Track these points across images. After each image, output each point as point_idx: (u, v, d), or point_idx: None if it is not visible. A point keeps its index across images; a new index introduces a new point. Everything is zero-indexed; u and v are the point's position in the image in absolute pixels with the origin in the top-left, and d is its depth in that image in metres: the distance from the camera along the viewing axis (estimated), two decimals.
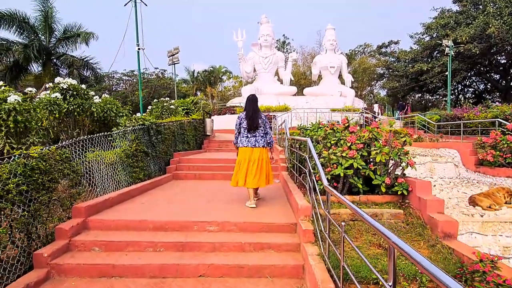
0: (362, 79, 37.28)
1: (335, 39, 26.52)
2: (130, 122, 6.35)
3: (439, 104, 37.95)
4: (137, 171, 6.03)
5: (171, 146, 8.34)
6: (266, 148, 4.77)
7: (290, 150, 6.45)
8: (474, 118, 12.44)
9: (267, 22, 26.01)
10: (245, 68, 25.72)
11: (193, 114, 13.39)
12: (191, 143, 10.34)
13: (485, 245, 3.75)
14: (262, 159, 4.62)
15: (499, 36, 18.39)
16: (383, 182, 3.93)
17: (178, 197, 5.38)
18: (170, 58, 18.47)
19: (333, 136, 4.83)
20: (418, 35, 30.21)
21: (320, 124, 6.00)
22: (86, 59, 19.09)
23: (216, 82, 35.58)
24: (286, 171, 6.87)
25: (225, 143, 12.24)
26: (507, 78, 25.45)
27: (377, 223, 1.79)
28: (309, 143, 4.01)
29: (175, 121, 9.17)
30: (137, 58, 10.01)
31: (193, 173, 7.47)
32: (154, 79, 34.93)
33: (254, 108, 4.62)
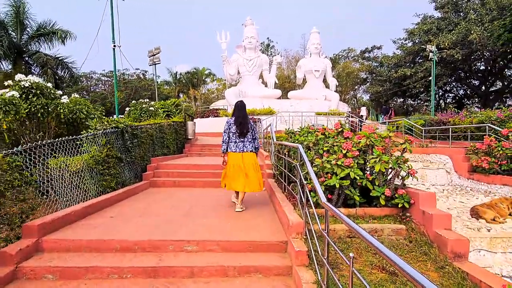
0: (346, 83, 37.52)
1: (319, 43, 26.45)
2: (101, 124, 5.74)
3: (420, 109, 38.67)
4: (108, 179, 5.42)
5: (149, 151, 7.73)
6: (255, 153, 4.86)
7: (277, 156, 6.01)
8: (460, 123, 12.43)
9: (252, 24, 25.63)
10: (229, 70, 25.22)
11: (175, 116, 12.78)
12: (171, 147, 9.74)
13: (496, 265, 3.42)
14: (251, 164, 4.68)
15: (481, 42, 18.75)
16: (382, 193, 3.54)
17: (154, 209, 4.82)
18: (151, 58, 17.75)
19: (325, 142, 4.42)
20: (401, 41, 30.66)
21: (310, 128, 5.60)
22: (61, 58, 18.05)
23: (199, 84, 34.87)
24: (273, 179, 6.42)
25: (208, 147, 11.69)
26: (486, 84, 26.09)
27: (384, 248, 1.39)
28: (300, 150, 3.58)
29: (154, 124, 8.56)
30: (113, 56, 9.35)
31: (172, 180, 6.90)
32: (134, 80, 33.88)
33: (243, 114, 4.70)
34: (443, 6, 25.98)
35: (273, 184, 5.74)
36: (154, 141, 8.23)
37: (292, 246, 3.03)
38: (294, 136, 5.91)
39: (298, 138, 4.96)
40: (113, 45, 9.11)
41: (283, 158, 5.13)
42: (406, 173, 3.67)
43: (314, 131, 5.25)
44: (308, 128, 5.53)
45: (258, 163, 4.84)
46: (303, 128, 5.84)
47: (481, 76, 26.87)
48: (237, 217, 4.39)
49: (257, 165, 4.77)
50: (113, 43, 9.11)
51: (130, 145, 6.58)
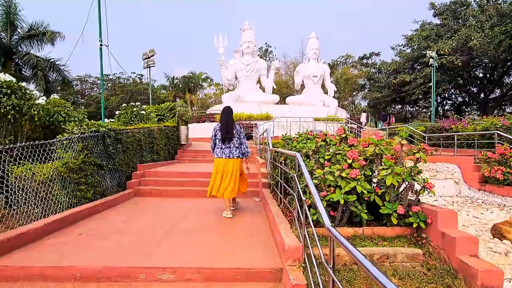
0: (344, 90, 37.21)
1: (318, 48, 26.14)
2: (79, 128, 5.19)
3: (418, 115, 38.41)
4: (84, 189, 4.86)
5: (135, 157, 7.19)
6: (241, 159, 4.84)
7: (273, 164, 5.48)
8: (463, 130, 11.98)
9: (250, 29, 25.29)
10: (226, 75, 24.79)
11: (168, 121, 12.26)
12: (161, 153, 9.19)
13: None
14: (236, 170, 4.69)
15: (481, 48, 18.46)
16: (394, 211, 3.02)
17: (133, 223, 4.26)
18: (145, 61, 17.29)
19: (326, 150, 3.91)
20: (400, 47, 30.45)
21: (308, 134, 5.08)
22: (52, 60, 17.53)
23: (196, 89, 34.41)
24: (268, 189, 5.89)
25: (202, 153, 11.16)
26: (485, 92, 25.81)
27: None
28: (298, 159, 3.07)
29: (143, 128, 8.03)
30: (100, 56, 8.83)
31: (159, 189, 6.34)
32: (130, 84, 33.37)
33: (228, 119, 4.69)
34: (442, 13, 25.83)
35: (268, 195, 5.20)
36: (142, 146, 7.68)
37: (288, 277, 2.49)
38: (292, 142, 5.39)
39: (296, 145, 4.45)
40: (99, 43, 8.59)
41: (279, 166, 4.62)
42: (421, 186, 3.16)
43: (313, 137, 4.75)
44: (307, 134, 5.03)
45: (242, 169, 4.90)
46: (301, 134, 5.34)
47: (480, 83, 26.62)
48: (225, 235, 3.85)
49: (241, 171, 4.81)
50: (100, 42, 8.59)
51: (113, 151, 6.04)
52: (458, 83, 28.12)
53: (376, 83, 32.53)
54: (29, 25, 17.13)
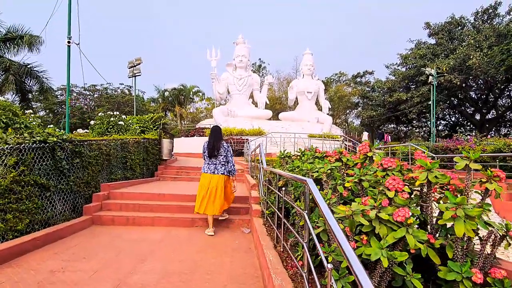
0: (338, 107, 36.67)
1: (312, 64, 25.55)
2: (15, 137, 3.97)
3: (411, 135, 37.99)
4: (12, 219, 3.60)
5: (100, 174, 5.94)
6: (227, 176, 4.91)
7: (268, 188, 4.32)
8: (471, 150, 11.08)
9: (243, 43, 24.61)
10: (218, 89, 23.84)
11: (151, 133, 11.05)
12: (137, 170, 7.94)
13: None
14: (221, 188, 4.76)
15: (480, 68, 18.01)
16: (467, 278, 1.89)
17: (69, 272, 3.01)
18: (131, 69, 16.23)
19: (345, 174, 2.81)
20: (394, 66, 30.19)
21: (315, 151, 3.94)
22: (29, 66, 16.27)
23: (186, 102, 33.33)
24: (261, 218, 4.70)
25: (186, 170, 9.93)
26: (482, 112, 25.41)
27: None
28: (311, 188, 1.95)
29: (114, 140, 6.82)
30: (67, 55, 7.60)
31: (124, 216, 5.07)
32: (118, 96, 32.13)
33: (215, 137, 4.85)
34: (437, 33, 25.69)
35: (260, 229, 4.01)
36: (111, 161, 6.45)
37: None
38: (292, 161, 4.27)
39: (300, 166, 3.32)
40: (67, 40, 7.40)
41: (275, 192, 3.48)
42: (500, 235, 2.06)
43: (322, 156, 3.64)
44: (314, 151, 3.88)
45: (229, 186, 4.99)
46: (305, 151, 4.21)
47: (476, 103, 26.29)
48: None
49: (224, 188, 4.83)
50: (68, 39, 7.39)
51: (67, 167, 4.79)
52: (453, 103, 27.78)
53: (370, 102, 32.06)
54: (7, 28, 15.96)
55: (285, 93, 37.02)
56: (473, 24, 24.12)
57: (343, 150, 3.35)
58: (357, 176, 2.53)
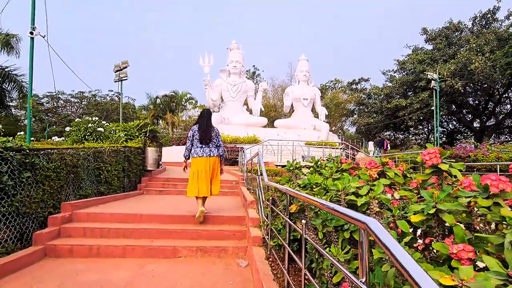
0: (334, 115, 35.91)
1: (308, 70, 24.83)
2: None
3: (407, 142, 37.33)
4: None
5: (62, 191, 4.84)
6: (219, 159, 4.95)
7: (272, 209, 3.28)
8: (485, 159, 10.22)
9: (237, 48, 23.84)
10: (211, 96, 22.87)
11: (134, 141, 9.97)
12: (115, 183, 6.83)
13: None
14: (215, 169, 4.88)
15: (483, 72, 17.37)
16: None
17: None
18: (117, 73, 15.17)
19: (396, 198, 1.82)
20: (391, 72, 29.65)
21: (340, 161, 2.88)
22: (8, 69, 15.08)
23: (178, 109, 32.22)
24: (263, 247, 3.65)
25: (173, 182, 8.82)
26: (481, 119, 24.81)
27: None
28: (391, 247, 0.97)
29: (84, 149, 5.74)
30: (30, 47, 6.48)
31: (88, 245, 3.96)
32: (107, 103, 30.93)
33: (207, 122, 4.84)
34: (434, 38, 25.22)
35: (263, 268, 2.94)
36: (78, 174, 5.35)
37: None
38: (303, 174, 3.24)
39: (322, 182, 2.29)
40: (30, 31, 6.29)
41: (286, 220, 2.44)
42: None
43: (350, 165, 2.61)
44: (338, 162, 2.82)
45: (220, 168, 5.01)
46: (319, 161, 3.19)
47: (475, 110, 25.72)
48: None
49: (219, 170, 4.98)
50: (31, 29, 6.29)
51: (11, 183, 3.70)
52: (451, 110, 27.21)
53: (367, 109, 31.39)
54: None
55: (280, 100, 36.23)
56: (471, 29, 23.70)
57: (372, 160, 2.34)
58: (430, 204, 1.52)
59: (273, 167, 10.74)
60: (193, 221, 4.71)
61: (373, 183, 1.93)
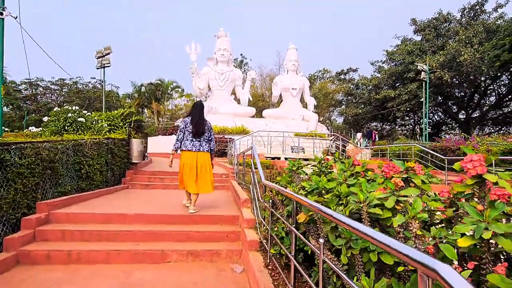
0: (322, 105, 35.77)
1: (297, 60, 24.42)
2: None
3: (393, 133, 37.72)
4: None
5: (38, 189, 4.41)
6: (209, 153, 4.83)
7: (271, 213, 2.99)
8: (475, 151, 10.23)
9: (225, 36, 23.14)
10: (199, 84, 22.23)
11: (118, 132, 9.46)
12: (97, 178, 6.40)
13: None
14: (206, 164, 4.70)
15: (471, 64, 17.43)
16: None
17: None
18: (99, 60, 14.42)
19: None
20: (379, 63, 29.59)
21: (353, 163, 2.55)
22: None
23: (164, 98, 31.34)
24: (260, 252, 3.37)
25: (160, 175, 8.43)
26: (467, 110, 25.16)
27: None
28: None
29: (62, 142, 5.28)
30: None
31: (67, 250, 3.58)
32: (89, 91, 29.77)
33: (200, 114, 4.73)
34: (423, 29, 25.19)
35: (263, 279, 2.66)
36: (56, 170, 4.91)
37: None
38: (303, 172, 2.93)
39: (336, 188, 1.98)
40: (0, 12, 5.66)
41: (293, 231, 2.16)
42: None
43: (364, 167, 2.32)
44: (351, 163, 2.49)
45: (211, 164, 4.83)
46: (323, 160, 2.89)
47: (461, 101, 26.06)
48: None
49: (210, 166, 4.79)
50: (1, 9, 5.67)
51: None
52: (437, 101, 27.51)
53: (355, 99, 31.38)
54: None
55: (268, 89, 35.73)
56: (460, 21, 23.75)
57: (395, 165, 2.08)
58: (481, 226, 1.26)
59: (263, 159, 10.46)
60: (182, 221, 4.40)
61: (399, 193, 1.65)
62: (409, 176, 1.81)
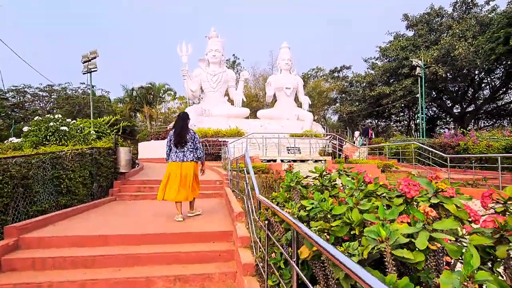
0: (316, 104, 35.45)
1: (290, 59, 24.04)
2: None
3: (388, 129, 37.50)
4: None
5: (8, 210, 3.95)
6: (195, 163, 4.94)
7: (267, 236, 2.58)
8: (475, 147, 9.94)
9: (216, 36, 22.65)
10: (191, 86, 21.76)
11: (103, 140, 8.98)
12: (80, 191, 5.94)
13: None
14: (190, 174, 4.78)
15: (466, 58, 17.20)
16: None
17: None
18: (86, 64, 13.88)
19: None
20: (372, 60, 29.34)
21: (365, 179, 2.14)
22: None
23: (156, 101, 30.75)
24: (255, 277, 2.97)
25: (150, 184, 7.97)
26: (462, 105, 24.99)
27: None
28: None
29: (36, 156, 4.82)
30: None
31: (36, 284, 3.14)
32: (78, 96, 29.11)
33: (182, 125, 4.86)
34: (416, 24, 24.96)
35: None
36: (30, 187, 4.45)
37: None
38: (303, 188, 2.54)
39: (350, 219, 1.58)
40: None
41: (293, 267, 1.76)
42: None
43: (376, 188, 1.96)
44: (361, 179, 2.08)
45: (197, 173, 5.00)
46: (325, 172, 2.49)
47: (455, 96, 25.89)
48: None
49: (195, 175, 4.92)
50: None
51: None
52: (431, 96, 27.34)
53: (349, 97, 31.09)
54: None
55: (262, 89, 35.29)
56: (451, 15, 23.57)
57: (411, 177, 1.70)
58: None
59: (259, 163, 10.06)
60: (170, 239, 3.98)
61: (432, 226, 1.27)
62: (441, 201, 1.43)
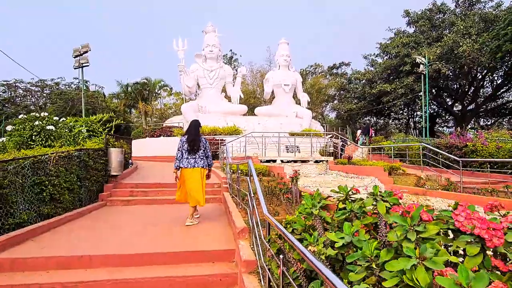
0: (315, 101, 34.99)
1: (289, 55, 23.48)
2: None
3: (386, 127, 37.16)
4: None
5: None
6: (204, 169, 5.09)
7: (282, 273, 2.12)
8: (484, 149, 9.55)
9: (213, 31, 22.04)
10: (187, 82, 21.14)
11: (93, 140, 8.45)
12: (66, 198, 5.43)
13: None
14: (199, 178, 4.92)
15: (470, 56, 16.80)
16: None
17: None
18: (77, 59, 13.29)
19: None
20: (372, 56, 28.90)
21: (408, 209, 1.72)
22: None
23: (151, 97, 30.08)
24: None
25: (143, 188, 7.46)
26: (462, 103, 24.65)
27: None
28: None
29: (14, 162, 4.30)
30: None
31: None
32: (71, 92, 28.35)
33: (196, 132, 5.07)
34: (417, 21, 24.50)
35: None
36: (7, 196, 3.94)
37: None
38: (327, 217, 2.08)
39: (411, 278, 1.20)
40: None
41: None
42: None
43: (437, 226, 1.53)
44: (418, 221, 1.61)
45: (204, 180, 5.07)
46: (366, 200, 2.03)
47: (456, 94, 25.55)
48: None
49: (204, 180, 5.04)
50: None
51: None
52: (432, 94, 27.00)
53: (348, 94, 30.65)
54: None
55: (259, 86, 34.74)
56: (454, 11, 23.14)
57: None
58: None
59: (258, 164, 9.58)
60: (164, 260, 3.50)
61: None
62: None
